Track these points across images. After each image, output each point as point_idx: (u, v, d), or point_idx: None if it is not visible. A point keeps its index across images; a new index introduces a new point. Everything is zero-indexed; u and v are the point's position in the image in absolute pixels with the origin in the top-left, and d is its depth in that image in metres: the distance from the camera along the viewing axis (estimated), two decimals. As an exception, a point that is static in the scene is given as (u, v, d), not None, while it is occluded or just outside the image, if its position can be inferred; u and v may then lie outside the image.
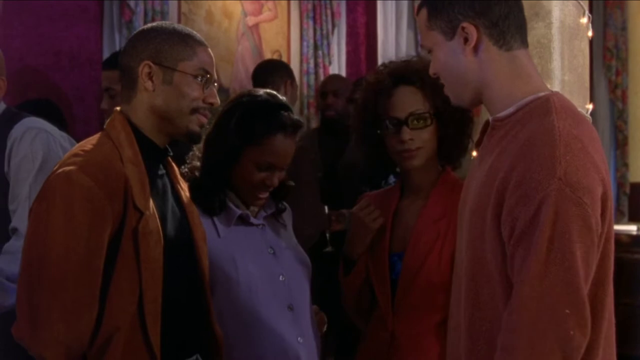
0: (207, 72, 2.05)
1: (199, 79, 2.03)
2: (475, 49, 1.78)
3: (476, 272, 1.75)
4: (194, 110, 2.03)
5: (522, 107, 1.76)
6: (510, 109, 1.77)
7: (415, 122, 2.40)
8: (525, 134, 1.69)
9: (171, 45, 2.02)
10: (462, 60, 1.80)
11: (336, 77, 5.11)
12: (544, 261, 1.58)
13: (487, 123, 1.87)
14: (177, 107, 2.02)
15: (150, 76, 2.00)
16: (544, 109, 1.71)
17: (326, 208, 2.52)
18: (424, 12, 1.84)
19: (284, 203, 2.52)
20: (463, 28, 1.78)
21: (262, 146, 2.30)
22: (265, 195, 2.36)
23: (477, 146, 1.91)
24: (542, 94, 1.77)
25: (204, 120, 2.07)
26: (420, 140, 2.40)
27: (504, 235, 1.66)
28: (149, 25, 2.13)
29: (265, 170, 2.32)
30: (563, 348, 1.57)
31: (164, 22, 2.17)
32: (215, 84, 2.09)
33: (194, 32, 2.09)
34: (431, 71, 1.89)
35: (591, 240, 1.61)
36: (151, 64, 2.00)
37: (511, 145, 1.71)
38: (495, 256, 1.69)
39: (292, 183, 2.50)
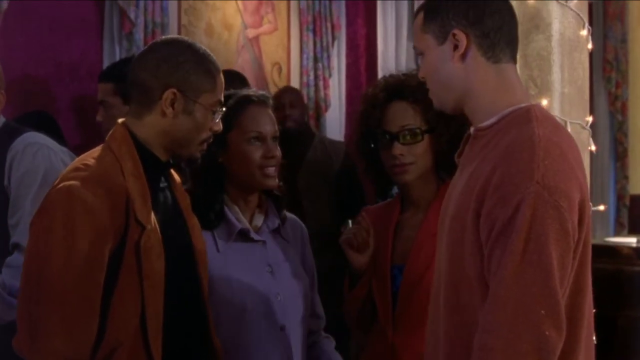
0: (220, 103, 2.07)
1: (215, 114, 2.05)
2: (463, 56, 1.80)
3: (455, 277, 1.76)
4: (202, 142, 2.07)
5: (504, 117, 1.78)
6: (492, 119, 1.79)
7: (406, 137, 2.40)
8: (506, 141, 1.71)
9: (197, 76, 2.02)
10: (449, 66, 1.82)
11: (290, 89, 5.10)
12: (519, 262, 1.59)
13: (468, 134, 1.89)
14: (190, 138, 2.04)
15: (172, 103, 2.00)
16: (525, 118, 1.74)
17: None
18: (420, 16, 1.87)
19: (286, 214, 2.49)
20: (454, 35, 1.80)
21: (242, 123, 2.33)
22: (273, 170, 2.35)
23: (459, 157, 1.92)
24: (523, 105, 1.79)
25: (205, 146, 2.09)
26: (411, 155, 2.41)
27: (482, 237, 1.67)
28: (173, 42, 2.09)
29: (257, 142, 2.33)
30: (539, 349, 1.57)
31: (185, 40, 2.11)
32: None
33: (213, 56, 2.08)
34: (420, 74, 1.92)
35: (567, 243, 1.63)
36: (176, 92, 1.99)
37: (492, 153, 1.73)
38: (474, 259, 1.70)
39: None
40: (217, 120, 2.08)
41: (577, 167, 1.70)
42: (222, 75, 2.09)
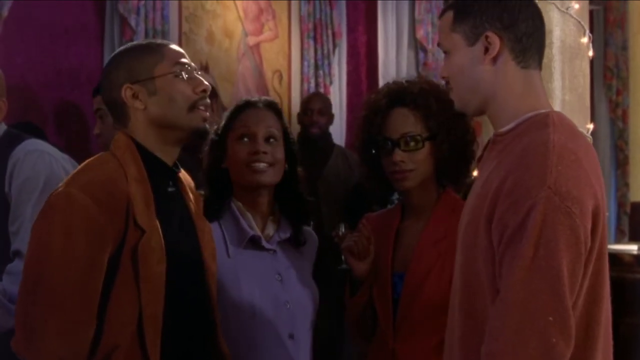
0: (184, 64, 2.06)
1: (180, 75, 2.04)
2: (494, 59, 1.79)
3: (469, 282, 1.75)
4: (192, 108, 2.04)
5: (522, 122, 1.77)
6: (511, 124, 1.78)
7: (407, 144, 2.40)
8: (520, 146, 1.70)
9: (139, 59, 2.04)
10: (478, 68, 1.80)
11: (321, 96, 5.20)
12: (528, 267, 1.57)
13: (489, 140, 1.88)
14: (173, 112, 2.03)
15: (135, 96, 2.02)
16: (542, 123, 1.73)
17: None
18: (449, 14, 1.84)
19: (304, 234, 2.51)
20: (487, 37, 1.78)
21: (236, 124, 2.41)
22: (260, 165, 2.36)
23: (478, 162, 1.92)
24: (543, 110, 1.78)
25: (205, 114, 2.07)
26: (412, 162, 2.40)
27: (494, 242, 1.66)
28: (111, 55, 2.17)
29: (245, 140, 2.38)
30: (545, 356, 1.55)
31: (123, 45, 2.21)
32: (199, 72, 2.11)
33: (153, 39, 2.11)
34: (442, 74, 1.90)
35: (578, 250, 1.60)
36: (130, 85, 2.02)
37: (507, 158, 1.72)
38: (486, 265, 1.69)
39: (311, 199, 2.52)
40: (198, 80, 2.06)
41: (592, 174, 1.68)
42: (172, 46, 2.10)
